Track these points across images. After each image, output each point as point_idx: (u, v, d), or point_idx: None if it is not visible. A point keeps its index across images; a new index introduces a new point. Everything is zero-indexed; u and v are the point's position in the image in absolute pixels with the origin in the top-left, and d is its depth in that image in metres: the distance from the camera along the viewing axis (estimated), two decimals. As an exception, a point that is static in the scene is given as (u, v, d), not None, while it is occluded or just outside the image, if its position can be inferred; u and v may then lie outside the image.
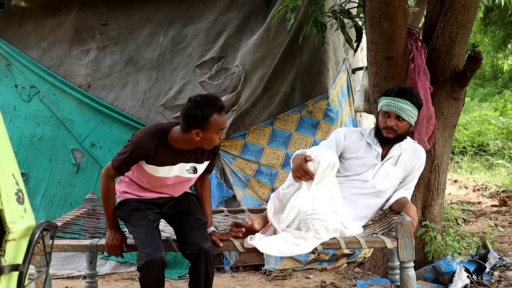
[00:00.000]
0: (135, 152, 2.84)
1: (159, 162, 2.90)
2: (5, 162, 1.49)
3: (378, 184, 3.21)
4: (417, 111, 3.17)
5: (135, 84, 4.86)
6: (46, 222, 1.59)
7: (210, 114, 2.76)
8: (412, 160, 3.24)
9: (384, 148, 3.22)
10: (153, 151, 2.85)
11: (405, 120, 3.12)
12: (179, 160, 2.92)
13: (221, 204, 4.53)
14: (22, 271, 1.49)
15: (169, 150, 2.88)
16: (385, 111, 3.14)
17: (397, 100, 3.11)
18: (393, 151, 3.22)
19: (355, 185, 3.21)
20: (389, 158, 3.22)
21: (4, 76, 5.07)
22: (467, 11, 3.70)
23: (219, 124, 2.80)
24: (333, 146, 3.22)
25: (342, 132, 3.28)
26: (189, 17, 4.86)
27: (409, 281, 2.91)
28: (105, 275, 4.45)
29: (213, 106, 2.77)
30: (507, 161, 8.70)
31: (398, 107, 3.10)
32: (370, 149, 3.22)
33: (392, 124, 3.11)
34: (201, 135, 2.80)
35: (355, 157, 3.22)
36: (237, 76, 4.60)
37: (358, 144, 3.23)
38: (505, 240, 4.96)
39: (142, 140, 2.86)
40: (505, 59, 18.27)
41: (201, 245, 2.84)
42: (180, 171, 2.96)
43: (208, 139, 2.83)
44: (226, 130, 4.55)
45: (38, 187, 4.87)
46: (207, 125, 2.78)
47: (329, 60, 4.75)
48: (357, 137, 3.26)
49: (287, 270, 4.34)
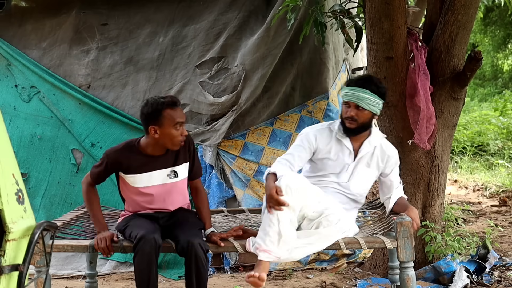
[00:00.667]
0: (109, 162, 3.02)
1: (134, 169, 3.01)
2: (5, 162, 1.49)
3: (354, 187, 3.20)
4: (379, 99, 3.11)
5: (135, 84, 4.86)
6: (46, 222, 1.59)
7: (162, 108, 2.89)
8: (384, 162, 3.23)
9: (354, 142, 3.20)
10: (125, 160, 3.00)
11: (365, 109, 3.08)
12: (155, 166, 3.02)
13: (221, 204, 4.53)
14: (22, 271, 1.49)
15: (141, 157, 3.01)
16: (345, 101, 3.13)
17: (355, 89, 3.08)
18: (364, 148, 3.20)
19: (332, 186, 3.21)
20: (361, 158, 3.20)
21: (4, 76, 5.07)
22: (467, 11, 3.69)
23: (174, 118, 2.90)
24: (306, 149, 3.19)
25: (311, 133, 3.22)
26: (189, 17, 4.86)
27: (409, 281, 2.91)
28: (105, 275, 4.45)
29: (164, 101, 2.91)
30: (507, 161, 8.69)
31: (356, 96, 3.06)
32: (341, 147, 3.19)
33: (352, 114, 3.09)
34: (158, 131, 2.91)
35: (328, 157, 3.20)
36: (237, 76, 4.60)
37: (330, 144, 3.20)
38: (505, 240, 4.96)
39: (113, 149, 3.06)
40: (505, 59, 18.27)
41: (190, 239, 2.87)
42: (162, 178, 3.05)
43: (167, 135, 2.92)
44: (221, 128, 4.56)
45: (38, 187, 4.87)
46: (161, 120, 2.90)
47: (329, 60, 4.75)
48: (327, 136, 3.22)
49: (287, 270, 4.34)
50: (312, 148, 3.20)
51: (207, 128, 4.63)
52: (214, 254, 4.44)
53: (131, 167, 3.02)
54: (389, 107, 3.81)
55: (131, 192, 3.12)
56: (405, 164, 3.91)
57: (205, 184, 4.61)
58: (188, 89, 4.72)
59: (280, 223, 2.83)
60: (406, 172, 3.93)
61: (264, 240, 2.84)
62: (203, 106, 4.66)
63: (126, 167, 3.03)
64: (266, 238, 2.84)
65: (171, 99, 2.94)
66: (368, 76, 3.20)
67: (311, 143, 3.19)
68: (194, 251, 2.85)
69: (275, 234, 2.83)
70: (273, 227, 2.84)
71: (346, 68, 5.46)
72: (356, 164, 3.20)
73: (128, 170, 3.03)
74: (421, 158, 3.89)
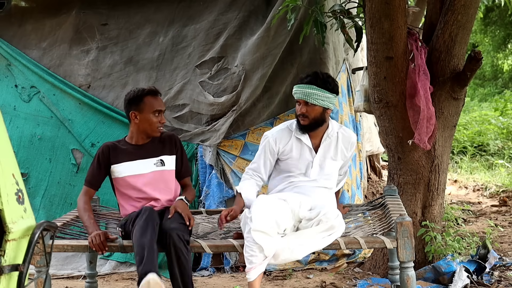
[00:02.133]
0: (98, 156, 3.23)
1: (122, 157, 3.22)
2: (5, 162, 1.49)
3: (323, 182, 3.27)
4: (329, 93, 3.18)
5: (135, 84, 4.85)
6: (46, 222, 1.59)
7: (143, 95, 3.18)
8: (347, 149, 3.34)
9: (312, 138, 3.27)
10: (113, 149, 3.24)
11: (314, 104, 3.15)
12: (142, 154, 3.23)
13: (221, 204, 4.53)
14: (22, 271, 1.49)
15: (128, 146, 3.27)
16: (296, 100, 3.24)
17: (302, 86, 3.19)
18: (324, 142, 3.27)
19: (304, 184, 3.25)
20: (324, 152, 3.27)
21: (4, 76, 5.07)
22: (467, 11, 3.69)
23: (153, 105, 3.19)
24: (270, 155, 3.29)
25: (271, 138, 3.29)
26: (189, 17, 4.86)
27: (409, 281, 2.91)
28: (105, 275, 4.45)
29: (145, 89, 3.20)
30: (507, 161, 8.70)
31: (303, 93, 3.17)
32: (301, 146, 3.27)
33: (303, 111, 3.19)
34: (138, 116, 3.18)
35: (290, 157, 3.27)
36: (237, 76, 4.59)
37: (290, 144, 3.27)
38: (505, 240, 4.96)
39: (102, 145, 3.30)
40: (505, 59, 18.28)
41: (169, 231, 2.92)
42: (149, 167, 3.23)
43: (146, 121, 3.19)
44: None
45: (38, 187, 4.87)
46: (141, 106, 3.18)
47: (329, 60, 4.75)
48: (286, 136, 3.29)
49: (287, 270, 4.34)
50: (275, 153, 3.29)
51: (207, 128, 4.63)
52: (214, 254, 4.44)
53: (119, 156, 3.22)
54: (389, 107, 3.81)
55: (123, 188, 3.24)
56: (405, 164, 3.92)
57: (205, 184, 4.61)
58: (188, 89, 4.71)
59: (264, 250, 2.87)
60: (406, 172, 3.93)
61: (250, 261, 2.88)
62: (203, 106, 4.66)
63: (115, 156, 3.21)
64: (251, 259, 2.88)
65: (152, 88, 3.24)
66: (314, 72, 3.28)
67: (272, 148, 3.28)
68: (173, 242, 2.89)
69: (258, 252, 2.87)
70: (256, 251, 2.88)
71: (346, 68, 5.46)
72: (320, 160, 3.26)
73: (117, 159, 3.22)
74: (421, 158, 3.89)
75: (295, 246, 2.91)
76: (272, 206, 2.95)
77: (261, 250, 2.84)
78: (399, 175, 3.97)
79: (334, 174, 3.34)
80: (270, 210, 2.92)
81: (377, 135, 7.16)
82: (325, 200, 3.24)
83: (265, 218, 2.87)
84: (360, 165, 5.94)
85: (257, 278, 2.89)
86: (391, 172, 4.05)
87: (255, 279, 2.88)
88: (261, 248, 2.84)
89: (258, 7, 4.70)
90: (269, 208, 2.93)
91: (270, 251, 2.86)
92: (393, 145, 3.94)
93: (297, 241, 2.92)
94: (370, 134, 6.98)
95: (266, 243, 2.85)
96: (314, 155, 3.25)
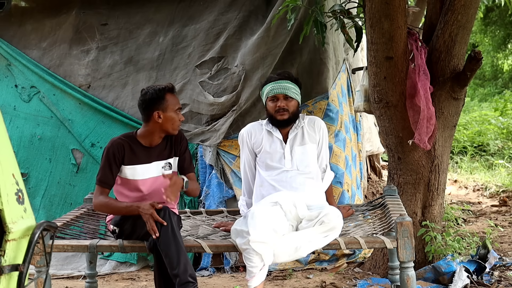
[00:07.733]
0: (111, 154, 3.05)
1: (135, 159, 3.09)
2: (5, 162, 1.49)
3: (302, 167, 3.28)
4: (299, 89, 3.33)
5: (135, 84, 4.86)
6: (46, 222, 1.59)
7: (164, 93, 3.06)
8: (315, 132, 3.36)
9: (282, 132, 3.33)
10: (127, 147, 3.07)
11: (292, 98, 3.26)
12: (152, 157, 3.13)
13: (221, 204, 4.53)
14: (22, 271, 1.49)
15: (140, 147, 3.12)
16: (272, 97, 3.28)
17: (280, 81, 3.27)
18: (292, 133, 3.32)
19: (286, 175, 3.26)
20: (292, 141, 3.31)
21: (4, 76, 5.07)
22: (467, 11, 3.69)
23: (174, 102, 3.10)
24: (247, 153, 3.39)
25: (245, 133, 3.40)
26: (189, 17, 4.86)
27: (409, 281, 2.91)
28: (105, 275, 4.45)
29: (164, 87, 3.09)
30: (507, 161, 8.70)
31: (283, 87, 3.26)
32: (272, 138, 3.33)
33: (283, 105, 3.25)
34: (162, 115, 3.06)
35: (263, 150, 3.33)
36: (237, 76, 4.60)
37: (261, 136, 3.35)
38: (505, 240, 4.96)
39: (113, 142, 3.10)
40: (505, 59, 18.28)
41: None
42: (157, 171, 3.14)
43: (170, 119, 3.07)
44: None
45: (38, 187, 4.87)
46: (165, 104, 3.06)
47: (329, 60, 4.75)
48: (258, 129, 3.38)
49: (287, 270, 4.34)
50: (252, 149, 3.38)
51: (207, 128, 4.63)
52: (214, 254, 4.44)
53: (133, 158, 3.10)
54: (389, 107, 3.81)
55: (125, 188, 3.14)
56: (405, 164, 3.92)
57: (205, 184, 4.61)
58: (188, 89, 4.72)
59: (264, 259, 2.89)
60: (406, 172, 3.93)
61: (251, 272, 2.89)
62: (203, 106, 4.66)
63: (128, 156, 3.08)
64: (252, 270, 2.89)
65: (170, 85, 3.12)
66: (284, 70, 3.46)
67: (248, 145, 3.37)
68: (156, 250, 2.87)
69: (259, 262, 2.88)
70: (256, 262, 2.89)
71: (346, 68, 5.46)
72: (290, 148, 3.30)
73: (130, 160, 3.09)
74: (421, 158, 3.89)
75: (295, 246, 2.91)
76: (267, 215, 2.96)
77: (261, 259, 2.87)
78: (399, 175, 3.97)
79: (312, 160, 3.33)
80: (266, 219, 2.93)
81: (377, 135, 7.16)
82: (316, 194, 3.26)
83: (263, 228, 2.87)
84: (360, 165, 5.94)
85: (259, 285, 2.91)
86: (391, 172, 4.05)
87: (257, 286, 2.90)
88: (262, 258, 2.86)
89: (258, 7, 4.71)
90: (265, 217, 2.93)
91: (270, 258, 2.89)
92: (393, 145, 3.94)
93: (298, 241, 2.92)
94: (370, 134, 6.98)
95: (266, 251, 2.87)
96: (285, 146, 3.31)
